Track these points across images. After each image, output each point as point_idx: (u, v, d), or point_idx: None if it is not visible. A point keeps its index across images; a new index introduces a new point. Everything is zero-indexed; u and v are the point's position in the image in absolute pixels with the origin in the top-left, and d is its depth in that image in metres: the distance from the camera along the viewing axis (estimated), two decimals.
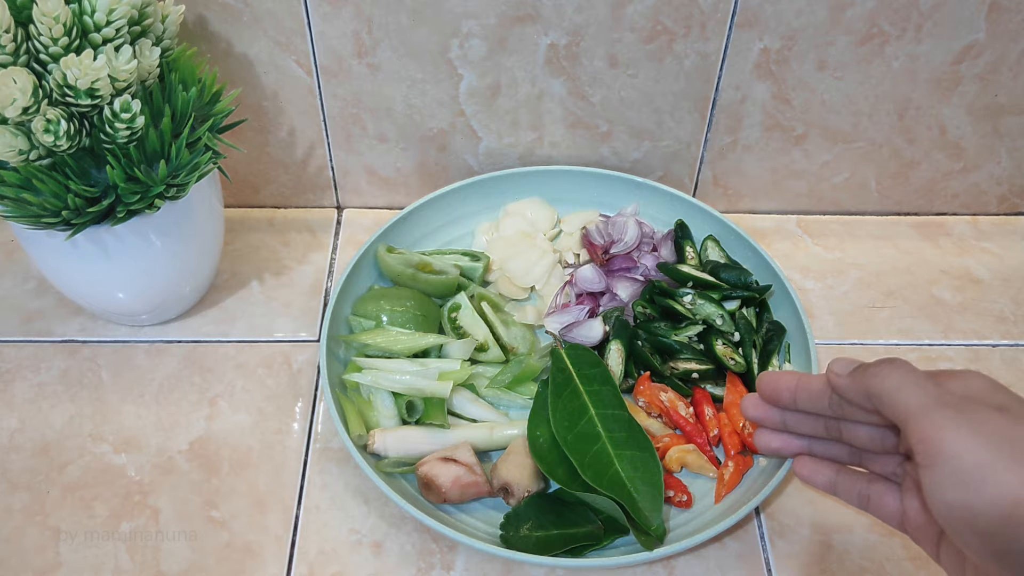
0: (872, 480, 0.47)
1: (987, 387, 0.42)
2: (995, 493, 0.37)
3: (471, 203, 0.82)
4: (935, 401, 0.40)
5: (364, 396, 0.67)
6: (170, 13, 0.64)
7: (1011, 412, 0.40)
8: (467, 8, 0.72)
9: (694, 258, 0.78)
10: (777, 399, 0.49)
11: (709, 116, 0.80)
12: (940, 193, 0.87)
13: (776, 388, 0.49)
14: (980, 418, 0.39)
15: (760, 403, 0.50)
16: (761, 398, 0.50)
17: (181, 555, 0.61)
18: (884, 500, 0.46)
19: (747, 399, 0.51)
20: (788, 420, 0.50)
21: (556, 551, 0.58)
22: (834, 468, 0.49)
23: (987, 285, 0.82)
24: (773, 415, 0.50)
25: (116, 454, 0.66)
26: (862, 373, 0.44)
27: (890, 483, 0.46)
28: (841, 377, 0.45)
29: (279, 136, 0.81)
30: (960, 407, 0.40)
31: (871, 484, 0.47)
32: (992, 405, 0.40)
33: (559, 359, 0.66)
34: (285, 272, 0.81)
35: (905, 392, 0.41)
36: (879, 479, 0.47)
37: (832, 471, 0.49)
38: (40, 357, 0.73)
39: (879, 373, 0.42)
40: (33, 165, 0.58)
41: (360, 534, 0.63)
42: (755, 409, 0.51)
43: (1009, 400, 0.41)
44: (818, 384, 0.47)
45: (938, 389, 0.41)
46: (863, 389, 0.43)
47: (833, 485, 0.49)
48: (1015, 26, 0.73)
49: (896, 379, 0.42)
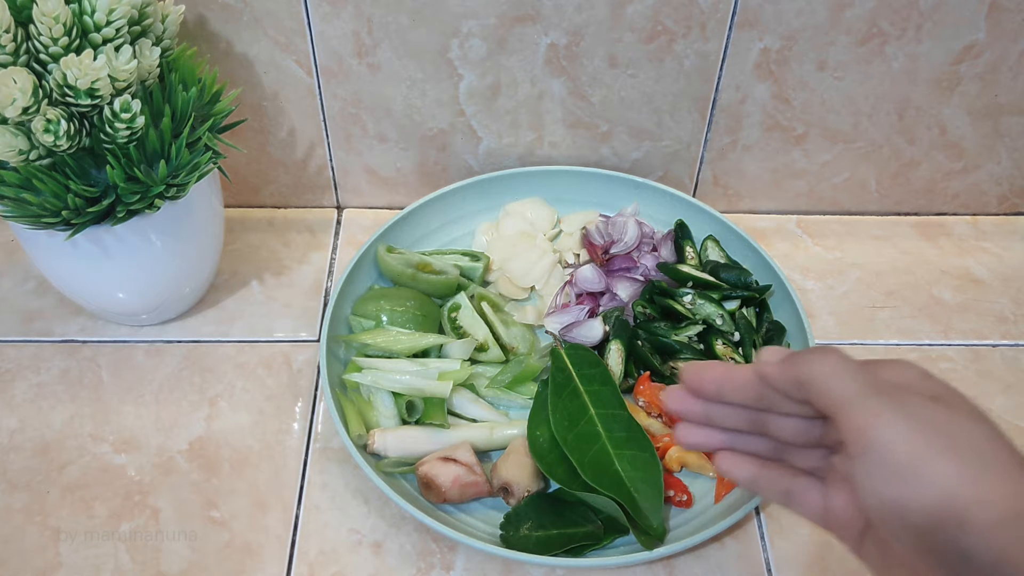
0: (795, 475, 0.46)
1: (920, 376, 0.41)
2: (928, 487, 0.36)
3: (471, 203, 0.82)
4: (868, 389, 0.39)
5: (364, 396, 0.67)
6: (170, 13, 0.64)
7: (944, 401, 0.39)
8: (467, 8, 0.72)
9: (694, 258, 0.78)
10: (702, 391, 0.46)
11: (709, 116, 0.80)
12: (940, 193, 0.87)
13: (701, 380, 0.46)
14: (914, 407, 0.38)
15: (683, 395, 0.47)
16: (685, 390, 0.47)
17: (181, 555, 0.61)
18: (807, 496, 0.44)
19: (669, 391, 0.48)
20: (712, 413, 0.47)
21: (556, 551, 0.58)
22: (757, 463, 0.47)
23: (987, 285, 0.82)
24: (696, 408, 0.47)
25: (116, 454, 0.66)
26: (793, 361, 0.42)
27: (813, 478, 0.45)
28: (771, 365, 0.43)
29: (279, 136, 0.81)
30: (894, 395, 0.39)
31: (794, 479, 0.45)
32: (926, 394, 0.39)
33: (559, 359, 0.66)
34: (285, 272, 0.81)
35: (837, 380, 0.39)
36: (802, 474, 0.45)
37: (755, 466, 0.47)
38: (40, 357, 0.73)
39: (810, 361, 0.41)
40: (33, 165, 0.58)
41: (360, 534, 0.63)
42: (677, 402, 0.47)
43: (942, 389, 0.40)
44: (745, 375, 0.45)
45: (871, 377, 0.40)
46: (793, 377, 0.42)
47: (755, 481, 0.47)
48: (1015, 26, 0.73)
49: (828, 367, 0.40)
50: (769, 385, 0.43)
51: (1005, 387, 0.73)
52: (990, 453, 0.37)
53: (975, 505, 0.36)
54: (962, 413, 0.39)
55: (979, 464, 0.37)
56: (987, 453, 0.37)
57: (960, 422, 0.38)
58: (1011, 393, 0.72)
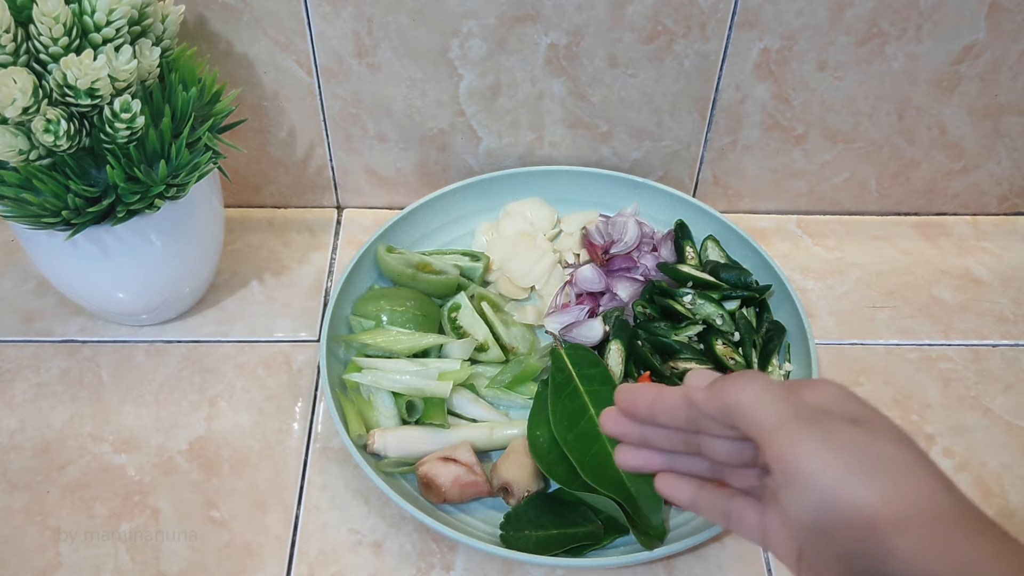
0: (733, 496, 0.46)
1: (841, 397, 0.41)
2: (850, 512, 0.36)
3: (471, 203, 0.82)
4: (790, 415, 0.39)
5: (364, 396, 0.67)
6: (170, 13, 0.64)
7: (864, 424, 0.39)
8: (467, 8, 0.72)
9: (694, 258, 0.78)
10: (635, 413, 0.46)
11: (709, 116, 0.80)
12: (940, 193, 0.87)
13: (633, 402, 0.46)
14: (834, 432, 0.38)
15: (619, 418, 0.47)
16: (619, 412, 0.47)
17: (181, 555, 0.61)
18: (745, 516, 0.44)
19: (606, 414, 0.48)
20: (647, 435, 0.47)
21: (556, 551, 0.58)
22: (695, 484, 0.47)
23: (987, 285, 0.82)
24: (633, 430, 0.47)
25: (116, 454, 0.66)
26: (718, 387, 0.42)
27: (751, 498, 0.45)
28: (698, 391, 0.43)
29: (279, 136, 0.81)
30: (814, 421, 0.38)
31: (732, 500, 0.45)
32: (846, 416, 0.39)
33: (559, 359, 0.66)
34: (285, 272, 0.81)
35: (760, 407, 0.40)
36: (740, 494, 0.45)
37: (693, 488, 0.47)
38: (40, 357, 0.73)
39: (735, 387, 0.41)
40: (33, 165, 0.58)
41: (360, 534, 0.63)
42: (614, 424, 0.48)
43: (863, 411, 0.40)
44: (675, 398, 0.44)
45: (794, 402, 0.39)
46: (719, 404, 0.41)
47: (695, 502, 0.47)
48: (1015, 26, 0.73)
49: (751, 393, 0.40)
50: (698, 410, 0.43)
51: (1005, 387, 0.73)
52: (910, 476, 0.37)
53: (896, 530, 0.36)
54: (882, 435, 0.38)
55: (899, 488, 0.37)
56: (907, 476, 0.37)
57: (880, 445, 0.38)
58: (1011, 393, 0.72)
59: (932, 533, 0.36)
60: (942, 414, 0.71)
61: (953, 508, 0.37)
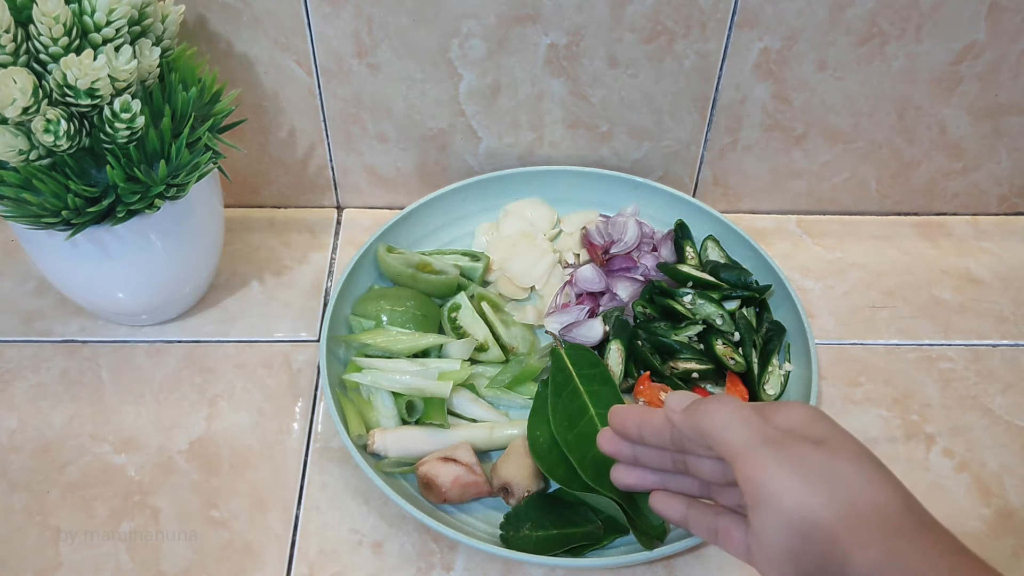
0: (720, 513, 0.47)
1: (808, 418, 0.42)
2: (812, 530, 0.37)
3: (471, 203, 0.82)
4: (758, 439, 0.40)
5: (364, 396, 0.67)
6: (170, 13, 0.64)
7: (829, 445, 0.40)
8: (467, 8, 0.72)
9: (694, 258, 0.78)
10: (626, 433, 0.49)
11: (709, 116, 0.80)
12: (940, 193, 0.87)
13: (624, 423, 0.49)
14: (799, 454, 0.39)
15: (613, 437, 0.50)
16: (612, 432, 0.50)
17: (181, 555, 0.61)
18: (731, 533, 0.45)
19: (602, 434, 0.51)
20: (639, 454, 0.50)
21: (556, 551, 0.58)
22: (685, 502, 0.49)
23: (987, 285, 0.82)
24: (626, 449, 0.50)
25: (116, 454, 0.66)
26: (693, 411, 0.44)
27: (737, 515, 0.46)
28: (676, 414, 0.45)
29: (279, 136, 0.81)
30: (781, 443, 0.40)
31: (719, 517, 0.47)
32: (812, 438, 0.41)
33: (559, 359, 0.66)
34: (285, 272, 0.81)
35: (731, 430, 0.41)
36: (726, 512, 0.47)
37: (683, 505, 0.49)
38: (40, 357, 0.73)
39: (707, 411, 0.43)
40: (33, 165, 0.58)
41: (360, 534, 0.63)
42: (608, 444, 0.51)
43: (828, 432, 0.41)
44: (659, 419, 0.47)
45: (761, 425, 0.41)
46: (694, 427, 0.43)
47: (685, 519, 0.49)
48: (1015, 26, 0.73)
49: (722, 417, 0.42)
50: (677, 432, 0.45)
51: (1005, 387, 0.73)
52: (869, 492, 0.38)
53: (854, 545, 0.37)
54: (843, 454, 0.40)
55: (857, 504, 0.38)
56: (865, 492, 0.38)
57: (841, 466, 0.39)
58: (1011, 393, 0.72)
59: (888, 548, 0.37)
60: (942, 414, 0.71)
61: (911, 523, 0.38)
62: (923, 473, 0.67)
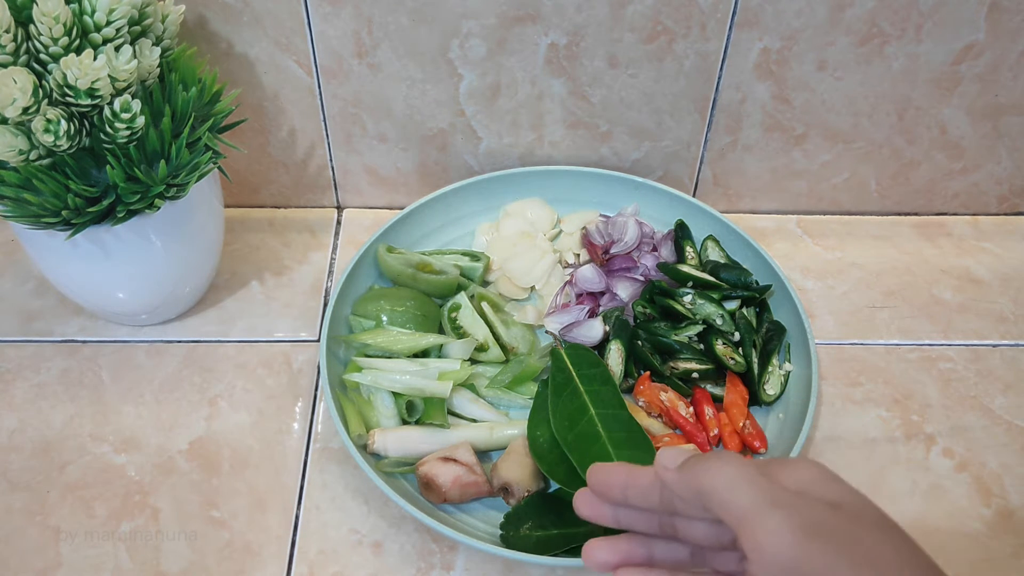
0: None
1: (820, 477, 0.39)
2: None
3: (471, 203, 0.82)
4: (765, 501, 0.36)
5: (364, 396, 0.67)
6: (170, 13, 0.64)
7: (845, 508, 0.37)
8: (467, 8, 0.72)
9: (694, 258, 0.78)
10: (608, 494, 0.44)
11: (709, 116, 0.80)
12: (940, 193, 0.87)
13: (606, 484, 0.44)
14: (815, 519, 0.36)
15: (592, 499, 0.45)
16: (591, 494, 0.45)
17: (181, 555, 0.61)
18: None
19: (579, 496, 0.45)
20: (620, 517, 0.45)
21: (556, 551, 0.58)
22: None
23: (987, 285, 0.82)
24: (606, 512, 0.45)
25: (116, 454, 0.66)
26: (690, 469, 0.40)
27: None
28: (669, 472, 0.41)
29: (279, 136, 0.81)
30: (793, 507, 0.36)
31: None
32: (827, 500, 0.37)
33: (559, 359, 0.66)
34: (285, 272, 0.81)
35: (736, 492, 0.37)
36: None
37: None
38: (40, 357, 0.73)
39: (709, 469, 0.39)
40: (33, 165, 0.58)
41: (360, 534, 0.63)
42: (587, 507, 0.45)
43: (843, 492, 0.38)
44: (648, 478, 0.42)
45: (769, 485, 0.37)
46: (692, 487, 0.39)
47: None
48: (1015, 26, 0.73)
49: (725, 476, 0.38)
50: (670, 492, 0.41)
51: (1005, 387, 0.73)
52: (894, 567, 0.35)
53: None
54: (865, 523, 0.37)
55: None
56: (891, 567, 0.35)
57: (862, 534, 0.36)
58: (1011, 393, 0.72)
59: None
60: (942, 414, 0.71)
61: None
62: (923, 473, 0.67)
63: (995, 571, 0.61)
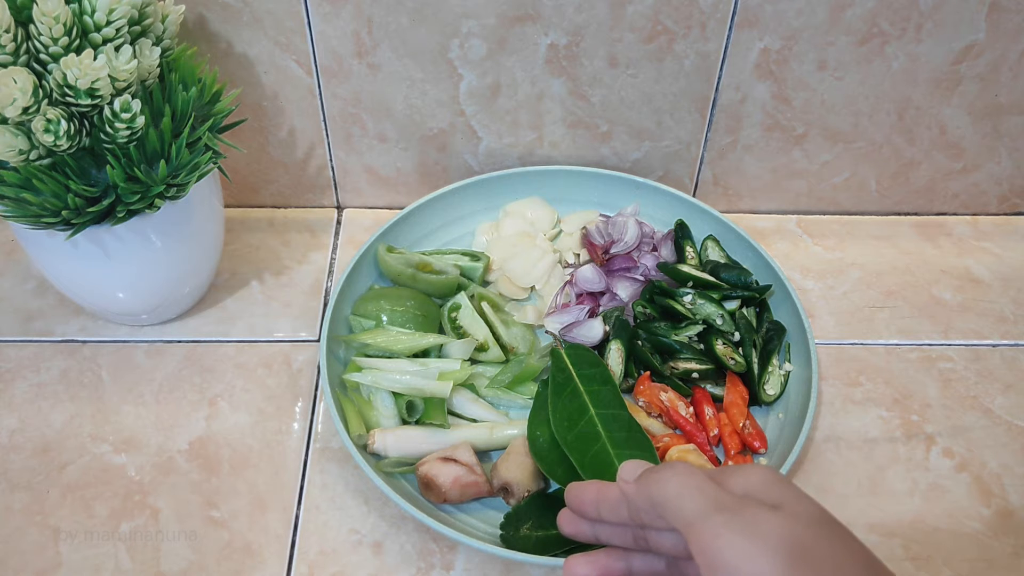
0: None
1: (765, 481, 0.40)
2: None
3: (471, 203, 0.82)
4: (711, 506, 0.38)
5: (364, 396, 0.67)
6: (170, 13, 0.64)
7: (785, 509, 0.38)
8: (467, 8, 0.72)
9: (694, 258, 0.78)
10: (583, 511, 0.46)
11: (709, 116, 0.80)
12: (940, 193, 0.87)
13: (580, 499, 0.46)
14: (755, 520, 0.37)
15: (573, 517, 0.47)
16: (570, 511, 0.47)
17: (181, 555, 0.61)
18: None
19: (562, 515, 0.48)
20: (599, 532, 0.46)
21: (556, 551, 0.58)
22: None
23: (987, 285, 0.82)
24: (585, 528, 0.47)
25: (116, 454, 0.66)
26: (645, 480, 0.41)
27: None
28: (628, 485, 0.42)
29: (279, 136, 0.81)
30: (735, 509, 0.38)
31: None
32: (768, 502, 0.38)
33: (559, 359, 0.66)
34: (285, 272, 0.81)
35: (684, 499, 0.39)
36: None
37: None
38: (40, 357, 0.73)
39: (659, 480, 0.40)
40: (33, 165, 0.58)
41: (360, 534, 0.63)
42: (568, 525, 0.47)
43: (784, 495, 0.39)
44: (615, 493, 0.44)
45: (716, 491, 0.39)
46: (647, 497, 0.41)
47: None
48: (1015, 26, 0.73)
49: (675, 485, 0.39)
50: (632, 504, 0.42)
51: (1005, 387, 0.73)
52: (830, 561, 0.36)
53: None
54: (802, 520, 0.38)
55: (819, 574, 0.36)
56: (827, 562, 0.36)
57: (799, 530, 0.37)
58: (1011, 393, 0.72)
59: None
60: (942, 414, 0.71)
61: None
62: (923, 473, 0.67)
63: (995, 571, 0.61)
